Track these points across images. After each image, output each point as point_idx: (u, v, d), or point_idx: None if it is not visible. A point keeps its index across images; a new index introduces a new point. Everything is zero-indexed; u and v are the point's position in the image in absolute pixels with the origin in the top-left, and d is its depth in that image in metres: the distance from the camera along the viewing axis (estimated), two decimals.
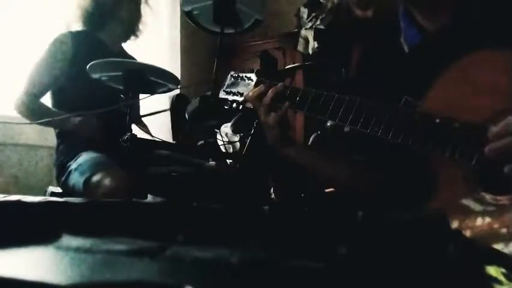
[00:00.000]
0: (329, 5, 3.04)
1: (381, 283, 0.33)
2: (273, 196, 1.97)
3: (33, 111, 1.88)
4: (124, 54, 2.12)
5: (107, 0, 1.97)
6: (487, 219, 0.75)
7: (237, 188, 1.77)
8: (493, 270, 0.39)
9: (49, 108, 1.95)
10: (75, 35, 1.97)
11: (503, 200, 0.76)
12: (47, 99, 1.98)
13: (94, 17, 1.98)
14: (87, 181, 1.66)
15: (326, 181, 1.22)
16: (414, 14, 0.99)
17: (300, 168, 1.13)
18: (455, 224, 0.77)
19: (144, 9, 2.14)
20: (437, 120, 0.83)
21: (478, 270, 0.39)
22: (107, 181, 1.60)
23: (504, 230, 0.73)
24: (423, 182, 0.86)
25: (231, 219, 0.49)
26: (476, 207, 0.77)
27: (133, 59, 2.09)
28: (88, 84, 1.77)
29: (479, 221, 0.76)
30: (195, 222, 0.50)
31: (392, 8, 1.03)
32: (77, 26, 2.02)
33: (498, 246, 0.72)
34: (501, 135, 0.73)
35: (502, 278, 0.39)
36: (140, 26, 2.13)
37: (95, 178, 1.64)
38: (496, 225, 0.74)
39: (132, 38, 2.14)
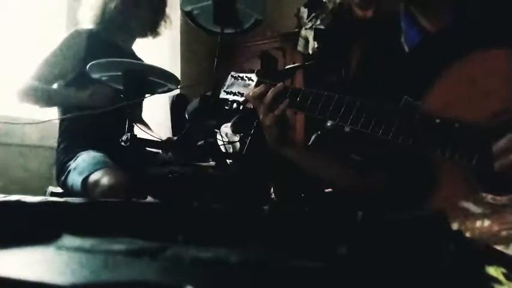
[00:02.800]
0: (331, 5, 3.03)
1: (381, 283, 0.33)
2: (273, 196, 1.97)
3: (41, 92, 1.87)
4: (135, 57, 2.12)
5: (127, 3, 1.96)
6: (487, 222, 0.75)
7: (237, 188, 1.77)
8: (493, 270, 0.39)
9: (58, 89, 1.93)
10: (91, 33, 1.98)
11: (503, 200, 0.76)
12: None
13: (107, 19, 1.98)
14: (85, 180, 1.66)
15: (326, 182, 1.22)
16: (415, 15, 0.99)
17: (300, 168, 1.13)
18: (455, 226, 0.77)
19: (166, 10, 2.14)
20: (437, 121, 0.83)
21: (478, 270, 0.39)
22: (105, 180, 1.60)
23: (504, 233, 0.73)
24: (423, 182, 0.86)
25: (230, 219, 0.49)
26: (476, 209, 0.77)
27: (142, 61, 2.09)
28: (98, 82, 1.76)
29: (478, 223, 0.76)
30: (195, 222, 0.50)
31: (392, 8, 1.03)
32: (88, 25, 2.02)
33: (498, 248, 0.72)
34: (508, 150, 0.74)
35: (502, 278, 0.39)
36: (160, 28, 2.13)
37: (93, 177, 1.64)
38: (496, 228, 0.74)
39: (149, 37, 2.14)
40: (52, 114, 2.01)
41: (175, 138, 1.85)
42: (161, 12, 2.11)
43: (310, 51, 3.20)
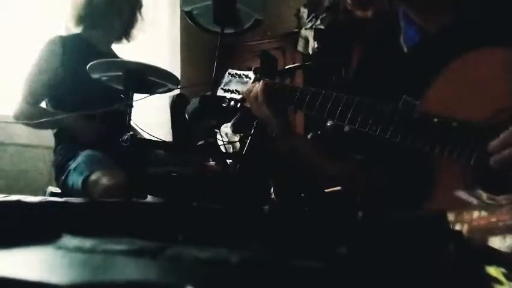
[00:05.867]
0: (327, 3, 3.04)
1: (381, 283, 0.33)
2: (273, 196, 1.97)
3: (34, 117, 1.88)
4: (113, 55, 2.12)
5: (97, 2, 1.97)
6: (484, 213, 0.75)
7: (237, 188, 1.77)
8: (493, 270, 0.39)
9: (50, 110, 1.95)
10: (64, 39, 1.99)
11: (501, 200, 0.76)
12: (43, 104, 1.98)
13: (86, 18, 1.99)
14: (85, 180, 1.66)
15: (328, 175, 1.22)
16: (412, 16, 0.99)
17: (303, 163, 1.13)
18: (455, 220, 0.77)
19: (139, 15, 2.15)
20: (436, 120, 0.83)
21: (477, 270, 0.39)
22: (105, 180, 1.61)
23: (501, 224, 0.73)
24: (422, 181, 0.86)
25: (231, 219, 0.49)
26: (473, 200, 0.77)
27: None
28: (82, 86, 1.77)
29: (475, 214, 0.76)
30: (195, 222, 0.50)
31: (391, 9, 1.03)
32: (73, 27, 2.03)
33: (496, 240, 0.73)
34: (503, 146, 0.74)
35: (502, 278, 0.39)
36: (134, 31, 2.14)
37: (93, 177, 1.64)
38: (493, 219, 0.74)
39: (124, 41, 2.15)
40: None
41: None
42: (134, 14, 2.12)
43: (310, 51, 3.20)
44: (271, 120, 1.10)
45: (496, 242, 0.73)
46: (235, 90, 1.20)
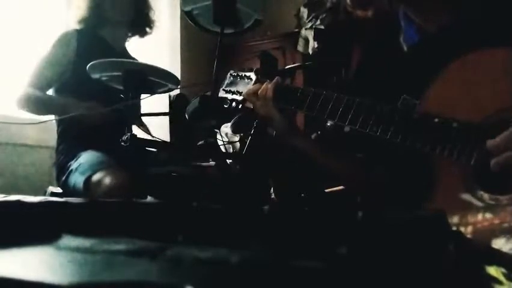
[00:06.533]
0: (328, 4, 3.04)
1: (381, 283, 0.33)
2: (273, 196, 1.97)
3: (39, 101, 1.88)
4: (126, 54, 2.13)
5: (97, 3, 1.98)
6: (488, 215, 0.75)
7: (237, 188, 1.77)
8: (493, 270, 0.39)
9: (56, 97, 1.94)
10: (80, 33, 1.99)
11: (502, 200, 0.76)
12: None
13: (91, 19, 2.00)
14: (87, 180, 1.66)
15: (333, 171, 1.22)
16: (411, 15, 0.99)
17: (308, 158, 1.13)
18: (456, 220, 0.77)
19: (149, 8, 2.16)
20: (436, 120, 0.83)
21: (477, 270, 0.39)
22: (107, 180, 1.60)
23: (506, 225, 0.73)
24: (422, 181, 0.86)
25: (231, 219, 0.49)
26: (478, 202, 0.77)
27: (134, 59, 2.09)
28: (90, 82, 1.77)
29: (480, 216, 0.76)
30: (195, 222, 0.50)
31: (391, 9, 1.03)
32: (77, 26, 2.04)
33: (500, 241, 0.72)
34: (502, 149, 0.74)
35: (502, 278, 0.39)
36: (152, 15, 2.16)
37: (96, 177, 1.64)
38: (497, 220, 0.74)
39: (148, 30, 2.17)
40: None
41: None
42: (144, 4, 2.13)
43: (311, 51, 3.20)
44: (276, 119, 1.10)
45: (501, 243, 0.73)
46: (237, 91, 1.20)
